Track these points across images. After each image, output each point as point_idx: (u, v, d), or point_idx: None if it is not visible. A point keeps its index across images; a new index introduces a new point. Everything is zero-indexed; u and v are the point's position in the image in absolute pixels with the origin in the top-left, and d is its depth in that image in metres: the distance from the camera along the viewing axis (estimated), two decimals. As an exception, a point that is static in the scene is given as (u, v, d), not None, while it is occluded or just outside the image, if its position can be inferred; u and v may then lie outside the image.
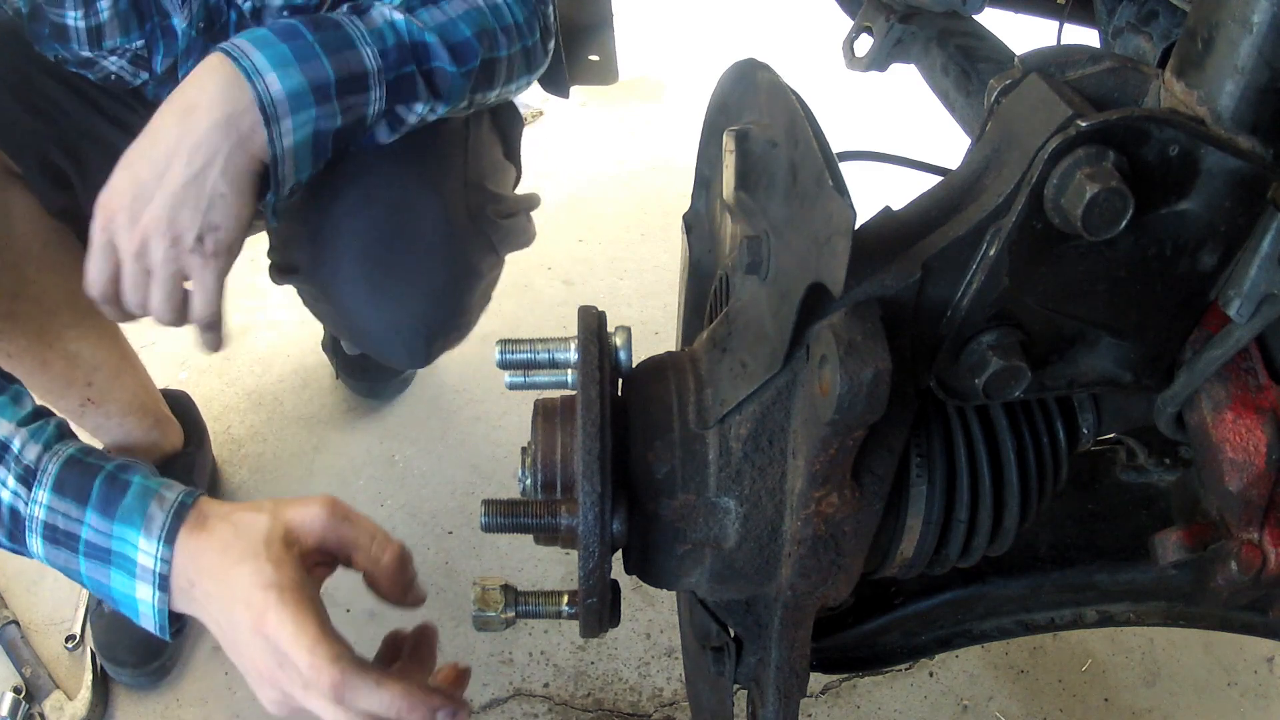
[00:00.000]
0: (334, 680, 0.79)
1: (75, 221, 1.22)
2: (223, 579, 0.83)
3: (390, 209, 1.19)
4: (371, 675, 0.80)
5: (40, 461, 0.87)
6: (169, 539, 0.85)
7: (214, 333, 1.11)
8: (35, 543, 0.88)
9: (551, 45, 1.33)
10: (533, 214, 1.52)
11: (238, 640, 0.83)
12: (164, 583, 0.85)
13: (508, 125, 1.50)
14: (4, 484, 0.87)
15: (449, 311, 1.26)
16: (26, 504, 0.86)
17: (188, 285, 1.08)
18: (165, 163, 1.01)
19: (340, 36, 1.07)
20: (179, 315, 1.08)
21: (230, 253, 1.06)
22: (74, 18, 1.16)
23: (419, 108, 1.14)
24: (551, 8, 1.31)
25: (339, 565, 0.91)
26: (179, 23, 1.21)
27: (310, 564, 0.87)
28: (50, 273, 1.27)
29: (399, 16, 1.10)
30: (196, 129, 1.01)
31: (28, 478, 0.87)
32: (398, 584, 0.90)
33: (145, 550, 0.85)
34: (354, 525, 0.88)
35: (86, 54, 1.20)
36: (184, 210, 1.02)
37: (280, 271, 1.33)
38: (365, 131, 1.13)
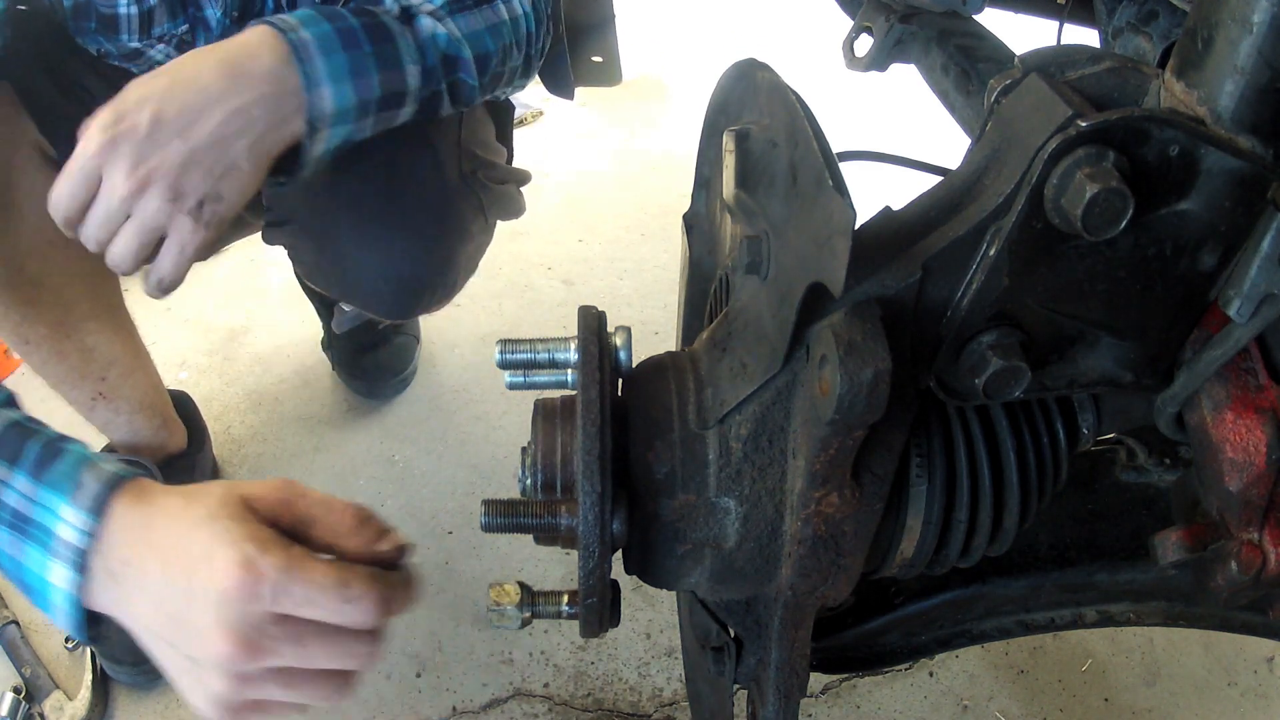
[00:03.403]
0: (285, 558, 0.69)
1: None
2: (173, 548, 0.72)
3: (385, 162, 1.21)
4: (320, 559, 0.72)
5: None
6: (96, 509, 0.73)
7: (163, 292, 1.05)
8: None
9: (546, 51, 1.35)
10: (533, 214, 1.53)
11: (187, 617, 0.71)
12: (81, 561, 0.72)
13: (500, 111, 1.54)
14: None
15: (437, 264, 1.28)
16: None
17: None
18: (197, 114, 0.96)
19: (392, 53, 1.06)
20: (134, 268, 1.01)
21: (222, 227, 1.02)
22: (124, 4, 1.16)
23: (441, 113, 1.17)
24: (553, 11, 1.33)
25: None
26: (213, 12, 1.22)
27: None
28: (75, 263, 1.28)
29: (442, 30, 1.12)
30: (243, 94, 0.97)
31: None
32: (363, 539, 0.77)
33: (69, 521, 0.73)
34: (310, 499, 0.78)
35: (134, 44, 1.19)
36: (198, 170, 0.96)
37: (274, 227, 1.33)
38: None
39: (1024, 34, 1.17)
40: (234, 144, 0.97)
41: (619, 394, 0.78)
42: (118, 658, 1.45)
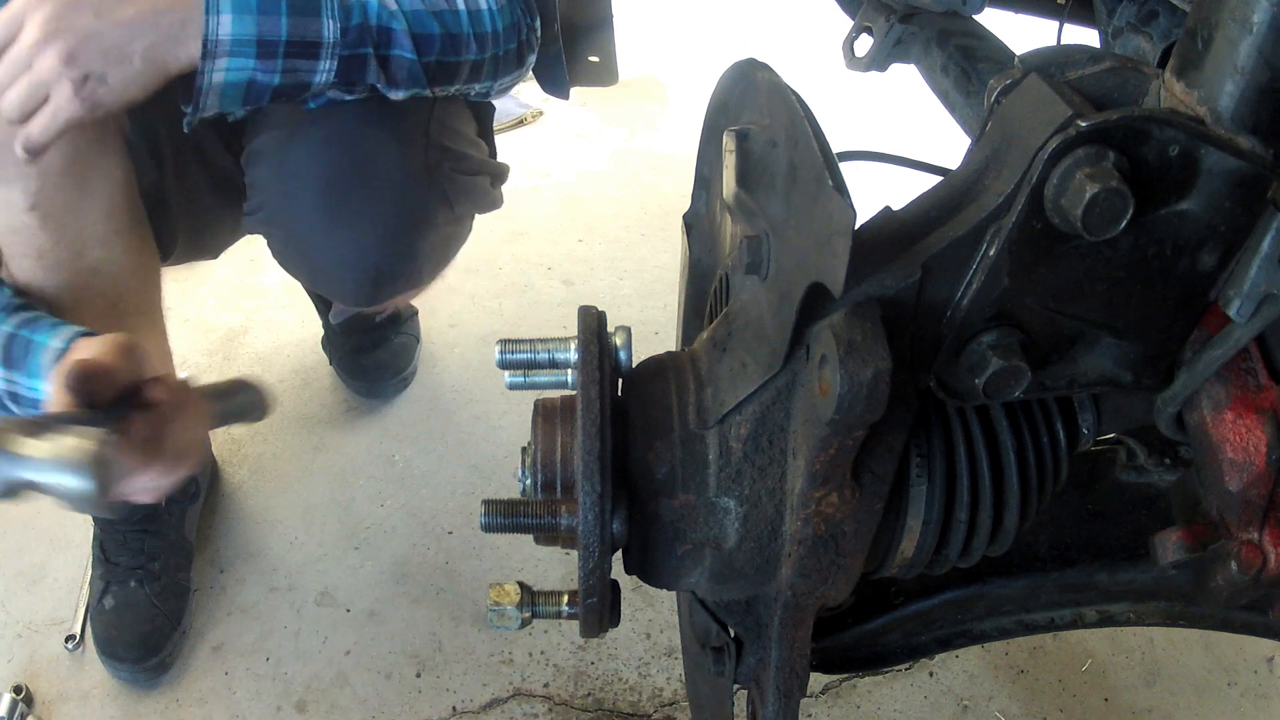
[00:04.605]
0: None
1: (154, 212, 1.28)
2: None
3: (349, 152, 1.25)
4: None
5: None
6: None
7: (32, 157, 1.09)
8: None
9: (532, 59, 1.37)
10: (533, 214, 1.53)
11: None
12: None
13: (481, 108, 1.55)
14: None
15: (397, 253, 1.30)
16: None
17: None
18: (115, 4, 1.05)
19: (308, 2, 1.11)
20: (17, 117, 1.06)
21: (95, 108, 1.06)
22: None
23: (370, 87, 1.19)
24: (538, 21, 1.34)
25: None
26: None
27: None
28: (133, 256, 1.30)
29: (373, 0, 1.15)
30: (154, 2, 1.07)
31: None
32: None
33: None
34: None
35: None
36: (95, 46, 1.04)
37: (250, 215, 1.37)
38: (314, 95, 1.17)
39: (1024, 34, 1.17)
40: (135, 38, 1.06)
41: (619, 394, 0.78)
42: (117, 654, 1.45)
